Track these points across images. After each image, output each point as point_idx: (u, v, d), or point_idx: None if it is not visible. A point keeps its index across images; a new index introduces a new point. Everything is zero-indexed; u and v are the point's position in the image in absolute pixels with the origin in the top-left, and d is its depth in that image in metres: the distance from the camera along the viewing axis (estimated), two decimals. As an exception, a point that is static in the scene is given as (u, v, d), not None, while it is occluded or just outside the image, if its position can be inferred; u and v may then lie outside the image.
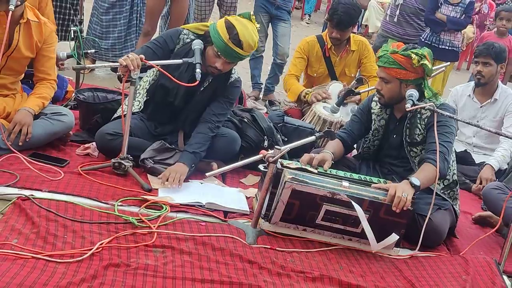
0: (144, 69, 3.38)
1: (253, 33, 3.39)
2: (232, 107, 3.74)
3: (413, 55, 3.18)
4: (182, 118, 3.63)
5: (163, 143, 3.56)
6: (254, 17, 3.47)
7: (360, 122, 3.55)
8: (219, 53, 3.37)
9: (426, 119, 3.29)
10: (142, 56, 3.22)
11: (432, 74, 4.56)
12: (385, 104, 3.40)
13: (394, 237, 3.00)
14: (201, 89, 3.55)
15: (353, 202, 2.93)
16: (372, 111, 3.51)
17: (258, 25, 3.50)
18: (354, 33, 5.46)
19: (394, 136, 3.45)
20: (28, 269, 2.31)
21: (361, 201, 2.95)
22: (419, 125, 3.33)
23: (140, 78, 3.54)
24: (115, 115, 3.65)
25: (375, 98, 3.50)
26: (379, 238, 2.98)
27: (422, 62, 3.20)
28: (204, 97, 3.57)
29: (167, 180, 3.27)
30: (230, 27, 3.34)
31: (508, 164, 4.30)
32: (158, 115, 3.66)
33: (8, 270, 2.26)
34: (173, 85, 3.43)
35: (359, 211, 2.92)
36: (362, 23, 10.48)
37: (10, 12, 3.08)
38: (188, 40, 3.52)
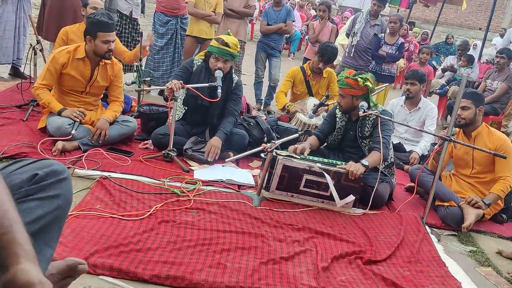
0: None
1: (233, 38, 3.53)
2: (241, 100, 3.79)
3: (359, 79, 3.20)
4: (210, 114, 3.64)
5: (196, 137, 3.57)
6: (231, 34, 3.61)
7: (329, 123, 3.54)
8: (216, 56, 3.44)
9: (372, 121, 3.28)
10: (181, 81, 3.27)
11: (376, 92, 4.59)
12: (343, 111, 3.40)
13: (351, 197, 3.00)
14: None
15: (324, 172, 2.94)
16: (336, 115, 3.50)
17: (236, 39, 3.58)
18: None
19: (351, 132, 3.44)
20: (107, 225, 2.33)
21: (328, 172, 2.97)
22: (367, 125, 3.32)
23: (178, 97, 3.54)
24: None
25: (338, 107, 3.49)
26: (341, 197, 2.98)
27: (365, 83, 3.20)
28: (222, 96, 3.52)
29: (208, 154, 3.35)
30: (217, 38, 3.50)
31: (428, 151, 4.29)
32: (194, 117, 3.66)
33: (94, 226, 2.28)
34: (200, 93, 3.41)
35: (328, 177, 2.93)
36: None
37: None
38: (199, 63, 3.62)
